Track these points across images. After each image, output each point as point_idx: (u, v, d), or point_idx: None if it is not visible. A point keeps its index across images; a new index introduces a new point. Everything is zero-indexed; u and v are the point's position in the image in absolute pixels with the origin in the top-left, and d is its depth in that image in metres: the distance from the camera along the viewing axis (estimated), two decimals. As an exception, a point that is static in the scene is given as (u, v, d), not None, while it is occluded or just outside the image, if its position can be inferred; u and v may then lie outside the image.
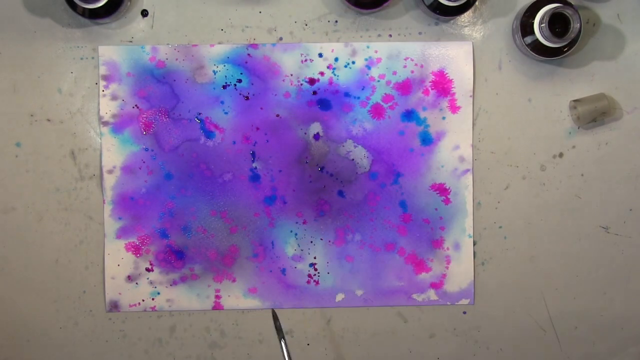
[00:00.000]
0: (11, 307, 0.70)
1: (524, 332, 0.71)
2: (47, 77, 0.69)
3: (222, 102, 0.69)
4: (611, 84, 0.70)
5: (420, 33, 0.69)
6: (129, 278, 0.69)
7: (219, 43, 0.69)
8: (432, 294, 0.70)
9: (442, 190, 0.70)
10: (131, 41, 0.69)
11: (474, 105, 0.70)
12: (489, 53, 0.70)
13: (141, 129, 0.69)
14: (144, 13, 0.69)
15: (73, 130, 0.69)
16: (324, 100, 0.69)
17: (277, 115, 0.69)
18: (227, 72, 0.69)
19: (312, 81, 0.69)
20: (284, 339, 0.61)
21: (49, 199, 0.69)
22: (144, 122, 0.69)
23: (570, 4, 0.65)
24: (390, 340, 0.71)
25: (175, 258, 0.69)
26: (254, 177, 0.69)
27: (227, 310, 0.70)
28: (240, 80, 0.69)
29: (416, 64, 0.69)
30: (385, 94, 0.69)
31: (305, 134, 0.69)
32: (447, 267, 0.70)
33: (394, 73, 0.69)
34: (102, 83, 0.69)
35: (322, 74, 0.69)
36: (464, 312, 0.71)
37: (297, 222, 0.70)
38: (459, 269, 0.70)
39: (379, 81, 0.69)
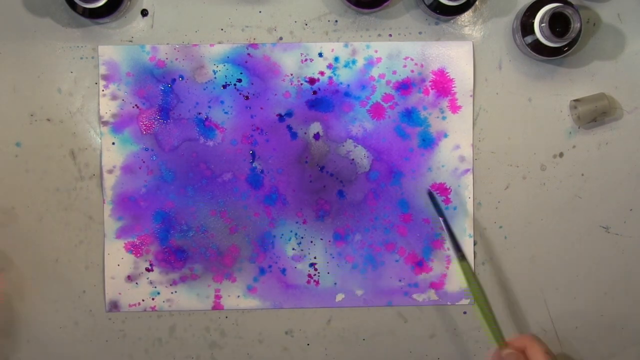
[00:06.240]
0: (11, 307, 0.69)
1: (524, 332, 0.71)
2: (47, 77, 0.69)
3: (222, 102, 0.69)
4: (611, 84, 0.70)
5: (420, 33, 0.69)
6: (129, 278, 0.69)
7: (219, 43, 0.69)
8: (432, 294, 0.70)
9: (442, 190, 0.70)
10: (131, 41, 0.69)
11: (474, 105, 0.70)
12: (489, 53, 0.70)
13: (141, 129, 0.69)
14: (144, 13, 0.69)
15: (73, 130, 0.69)
16: (324, 100, 0.69)
17: (277, 115, 0.69)
18: (227, 71, 0.69)
19: (312, 81, 0.69)
20: (444, 217, 0.68)
21: (49, 199, 0.69)
22: (144, 122, 0.69)
23: (570, 4, 0.65)
24: (390, 340, 0.71)
25: (175, 258, 0.69)
26: (254, 177, 0.69)
27: (227, 310, 0.70)
28: (240, 80, 0.69)
29: (416, 64, 0.69)
30: (385, 93, 0.69)
31: (305, 133, 0.69)
32: (447, 267, 0.70)
33: (394, 73, 0.69)
34: (102, 83, 0.69)
35: (322, 73, 0.69)
36: (464, 312, 0.71)
37: (297, 222, 0.70)
38: (460, 268, 0.70)
39: (379, 81, 0.69)
